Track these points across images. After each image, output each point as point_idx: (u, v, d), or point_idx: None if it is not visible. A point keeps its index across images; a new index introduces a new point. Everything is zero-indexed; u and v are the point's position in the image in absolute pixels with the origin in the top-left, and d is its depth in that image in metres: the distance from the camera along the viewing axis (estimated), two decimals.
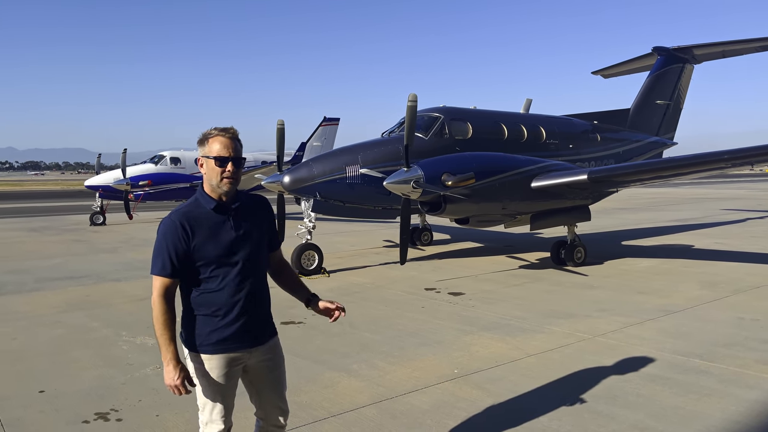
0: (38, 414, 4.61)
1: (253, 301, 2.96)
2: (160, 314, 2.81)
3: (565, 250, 11.45)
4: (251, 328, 2.96)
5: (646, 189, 42.52)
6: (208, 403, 2.94)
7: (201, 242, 2.84)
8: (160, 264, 2.84)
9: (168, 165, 22.16)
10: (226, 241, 2.88)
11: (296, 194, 10.86)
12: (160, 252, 2.84)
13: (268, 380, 3.10)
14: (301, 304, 3.50)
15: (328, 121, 29.85)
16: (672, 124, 18.03)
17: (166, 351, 2.79)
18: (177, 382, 2.79)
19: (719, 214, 23.24)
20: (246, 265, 2.92)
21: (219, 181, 2.87)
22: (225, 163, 2.86)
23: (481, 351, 6.17)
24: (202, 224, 2.86)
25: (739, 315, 7.56)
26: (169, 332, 2.81)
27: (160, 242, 2.85)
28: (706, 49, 17.66)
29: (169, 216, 2.90)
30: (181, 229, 2.82)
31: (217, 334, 2.88)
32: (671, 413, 4.54)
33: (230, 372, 2.94)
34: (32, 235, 17.76)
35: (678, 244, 14.62)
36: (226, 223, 2.91)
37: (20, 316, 7.77)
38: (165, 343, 2.80)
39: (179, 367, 2.81)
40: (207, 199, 2.92)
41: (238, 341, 2.92)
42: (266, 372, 3.07)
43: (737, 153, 10.12)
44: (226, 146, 2.88)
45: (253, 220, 3.01)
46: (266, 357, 3.06)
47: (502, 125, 13.00)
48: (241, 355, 2.96)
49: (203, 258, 2.85)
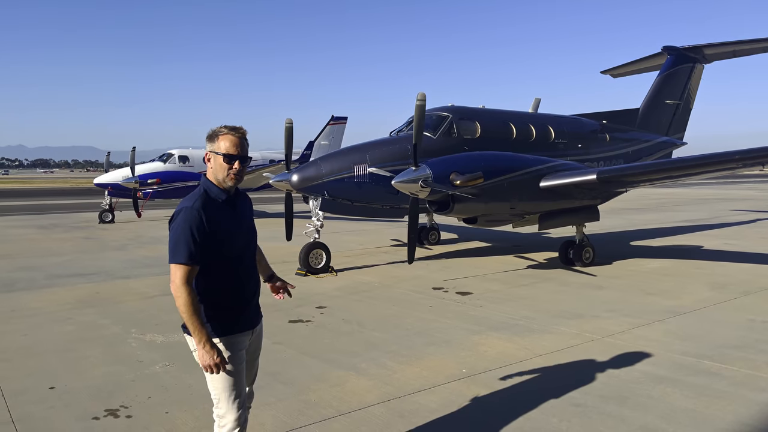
0: (49, 410, 4.65)
1: (254, 284, 3.24)
2: (189, 301, 2.89)
3: (573, 250, 11.42)
4: (253, 310, 3.23)
5: (655, 189, 42.29)
6: (226, 390, 3.05)
7: (217, 230, 2.99)
8: (185, 252, 2.90)
9: (176, 163, 22.26)
10: (236, 230, 3.10)
11: (304, 193, 10.87)
12: (184, 240, 2.90)
13: (250, 362, 3.29)
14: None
15: (336, 120, 29.87)
16: (681, 124, 17.92)
17: (200, 333, 2.90)
18: (217, 360, 2.92)
19: (729, 214, 23.08)
20: (250, 252, 3.22)
21: (225, 176, 3.06)
22: (233, 161, 3.04)
23: (489, 351, 6.16)
24: (217, 214, 3.03)
25: (749, 317, 7.51)
26: (199, 316, 2.92)
27: (183, 230, 2.91)
28: (717, 49, 17.53)
29: (188, 206, 2.97)
30: (203, 217, 2.95)
31: (230, 318, 3.07)
32: (682, 415, 4.52)
33: (241, 354, 3.13)
34: (42, 233, 17.89)
35: (687, 245, 14.54)
36: (235, 214, 3.13)
37: (31, 313, 7.83)
38: (198, 327, 2.90)
39: (215, 348, 2.94)
40: (217, 191, 3.09)
41: (246, 323, 3.15)
42: (252, 354, 3.29)
43: (748, 153, 10.04)
44: (235, 144, 3.05)
45: (249, 213, 3.30)
46: (257, 339, 3.31)
47: (511, 125, 12.96)
48: (247, 335, 3.17)
49: (218, 245, 3.00)
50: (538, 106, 15.94)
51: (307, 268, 10.57)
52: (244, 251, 3.16)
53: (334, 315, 7.64)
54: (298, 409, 4.65)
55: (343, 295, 8.86)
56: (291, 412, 4.60)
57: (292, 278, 10.29)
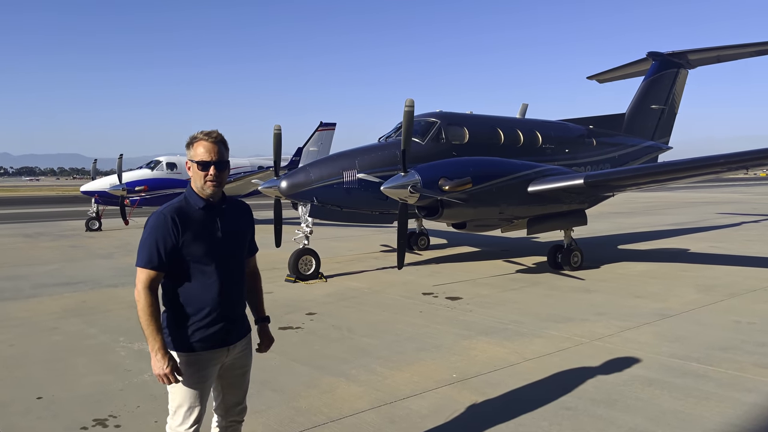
0: (36, 420, 4.59)
1: (234, 299, 3.06)
2: (147, 306, 2.83)
3: (561, 254, 11.49)
4: (232, 325, 3.05)
5: (642, 193, 42.66)
6: (183, 405, 2.95)
7: (189, 238, 2.90)
8: (146, 256, 2.86)
9: (164, 170, 22.13)
10: (213, 239, 2.96)
11: (293, 199, 10.86)
12: (148, 244, 2.87)
13: (237, 378, 3.18)
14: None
15: (325, 126, 29.88)
16: (667, 128, 18.12)
17: (154, 341, 2.82)
18: (166, 370, 2.82)
19: (715, 217, 23.33)
20: (230, 265, 3.03)
21: (203, 184, 2.96)
22: (207, 167, 2.95)
23: (480, 355, 6.18)
24: (191, 221, 2.93)
25: (735, 318, 7.59)
26: (155, 323, 2.84)
27: (149, 235, 2.88)
28: (701, 54, 17.76)
29: (160, 210, 2.94)
30: (171, 223, 2.87)
31: (200, 332, 2.94)
32: (670, 417, 4.56)
33: (209, 371, 3.00)
34: (28, 241, 17.69)
35: (674, 248, 14.68)
36: (214, 223, 3.00)
37: (17, 323, 7.74)
38: (152, 334, 2.82)
39: (167, 357, 2.84)
40: (196, 198, 3.00)
41: (219, 338, 2.99)
42: (237, 370, 3.16)
43: (733, 157, 10.19)
44: (209, 150, 2.96)
45: (238, 223, 3.12)
46: (240, 354, 3.15)
47: (499, 130, 13.04)
48: (221, 352, 3.02)
49: (190, 254, 2.91)
50: (525, 112, 16.05)
51: (296, 275, 10.54)
52: (223, 262, 2.98)
53: (324, 321, 7.62)
54: (288, 417, 4.63)
55: (333, 302, 8.84)
56: (282, 419, 4.58)
57: (281, 285, 10.26)
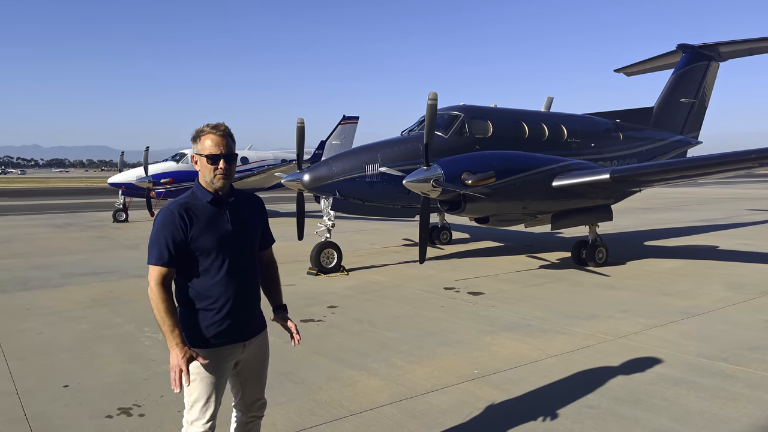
0: (63, 408, 4.69)
1: (248, 294, 3.03)
2: (161, 302, 2.83)
3: (586, 250, 11.33)
4: (246, 320, 3.03)
5: (669, 188, 41.87)
6: (199, 400, 2.94)
7: (198, 233, 2.89)
8: (157, 253, 2.87)
9: (189, 163, 22.37)
10: (222, 233, 2.94)
11: (316, 192, 10.89)
12: (158, 241, 2.87)
13: (255, 374, 3.16)
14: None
15: (348, 120, 29.89)
16: (697, 122, 17.72)
17: (172, 336, 2.82)
18: (182, 361, 2.79)
19: (745, 214, 22.79)
20: (241, 259, 2.99)
21: (213, 178, 2.95)
22: (217, 160, 2.93)
23: (501, 351, 6.12)
24: (199, 215, 2.92)
25: (765, 318, 7.40)
26: (171, 318, 2.83)
27: (158, 232, 2.89)
28: (733, 47, 17.31)
29: (167, 206, 2.95)
30: (179, 219, 2.87)
31: (214, 328, 2.93)
32: (696, 417, 4.46)
33: (225, 366, 2.99)
34: (57, 232, 18.08)
35: (702, 245, 14.37)
36: (223, 216, 2.98)
37: (46, 311, 7.91)
38: (170, 329, 2.82)
39: (186, 348, 2.83)
40: (204, 192, 2.99)
41: (234, 334, 2.98)
42: (254, 365, 3.15)
43: (765, 152, 9.91)
44: (217, 144, 2.94)
45: (248, 216, 3.09)
46: (257, 350, 3.13)
47: (523, 124, 12.89)
48: (236, 348, 3.01)
49: (200, 248, 2.89)
50: (550, 105, 15.84)
51: (318, 268, 10.58)
52: (234, 255, 2.95)
53: (345, 314, 7.64)
54: (309, 409, 4.65)
55: (355, 295, 8.85)
56: (302, 411, 4.61)
57: (303, 277, 10.31)
